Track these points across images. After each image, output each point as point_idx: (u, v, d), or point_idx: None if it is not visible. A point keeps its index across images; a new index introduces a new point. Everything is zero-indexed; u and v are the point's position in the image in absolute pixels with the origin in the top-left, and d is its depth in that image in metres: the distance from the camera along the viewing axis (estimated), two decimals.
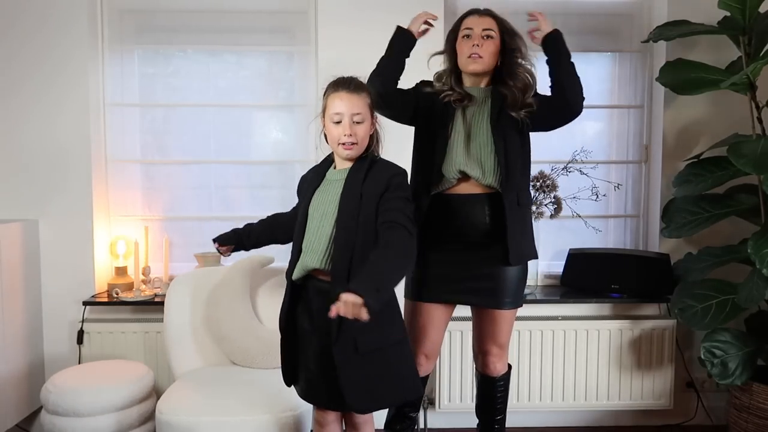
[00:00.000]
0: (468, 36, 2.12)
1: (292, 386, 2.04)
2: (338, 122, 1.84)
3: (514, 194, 2.11)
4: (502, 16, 2.16)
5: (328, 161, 1.98)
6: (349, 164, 1.89)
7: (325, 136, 1.93)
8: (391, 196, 1.80)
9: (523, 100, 2.10)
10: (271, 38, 3.07)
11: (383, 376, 1.85)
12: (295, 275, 1.90)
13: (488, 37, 2.10)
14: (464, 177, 2.11)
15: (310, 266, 1.85)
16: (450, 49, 2.18)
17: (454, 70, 2.17)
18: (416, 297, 2.20)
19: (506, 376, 2.32)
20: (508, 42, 2.13)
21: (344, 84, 1.87)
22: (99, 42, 2.96)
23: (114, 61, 3.01)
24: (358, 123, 1.85)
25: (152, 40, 3.05)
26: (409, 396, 1.95)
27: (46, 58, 2.84)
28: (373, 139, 1.91)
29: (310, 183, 1.96)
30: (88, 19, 2.87)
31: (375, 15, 2.86)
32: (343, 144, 1.85)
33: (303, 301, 1.93)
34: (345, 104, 1.84)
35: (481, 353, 2.29)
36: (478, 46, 2.09)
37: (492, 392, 2.32)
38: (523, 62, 2.14)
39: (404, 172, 1.89)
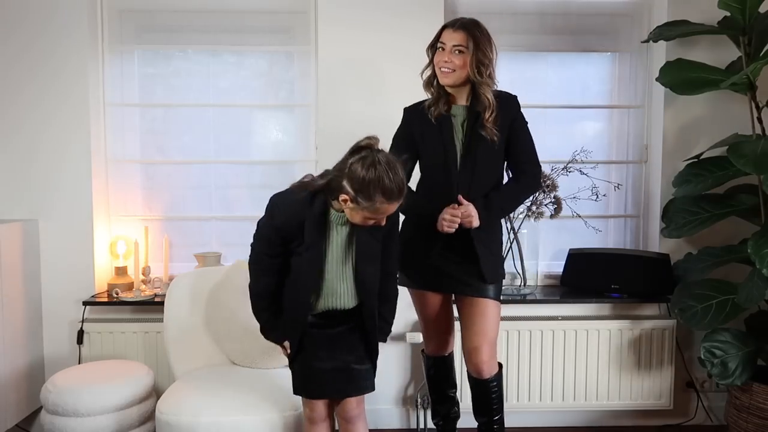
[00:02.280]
0: (442, 49, 2.22)
1: (291, 387, 2.08)
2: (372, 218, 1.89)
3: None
4: (478, 31, 2.19)
5: (319, 201, 1.90)
6: None
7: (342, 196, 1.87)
8: (394, 242, 2.04)
9: (485, 117, 2.21)
10: (271, 38, 3.07)
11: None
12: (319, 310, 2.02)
13: (459, 52, 2.18)
14: None
15: (348, 306, 2.01)
16: (432, 58, 2.28)
17: (436, 76, 2.28)
18: (405, 284, 2.39)
19: (498, 376, 2.34)
20: (479, 57, 2.18)
21: (390, 195, 1.82)
22: (99, 42, 2.96)
23: (114, 61, 3.01)
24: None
25: (152, 40, 3.05)
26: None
27: (47, 59, 2.84)
28: None
29: (314, 225, 1.90)
30: (88, 20, 2.87)
31: (375, 15, 2.87)
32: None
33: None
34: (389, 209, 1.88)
35: (473, 352, 2.30)
36: (447, 61, 2.19)
37: (487, 394, 2.33)
38: (490, 79, 2.21)
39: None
